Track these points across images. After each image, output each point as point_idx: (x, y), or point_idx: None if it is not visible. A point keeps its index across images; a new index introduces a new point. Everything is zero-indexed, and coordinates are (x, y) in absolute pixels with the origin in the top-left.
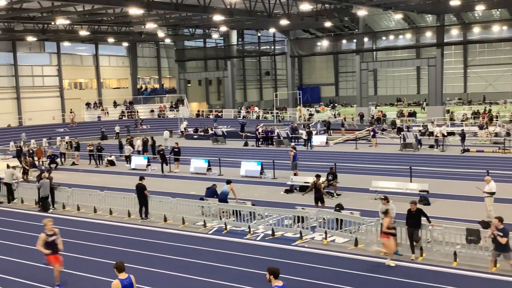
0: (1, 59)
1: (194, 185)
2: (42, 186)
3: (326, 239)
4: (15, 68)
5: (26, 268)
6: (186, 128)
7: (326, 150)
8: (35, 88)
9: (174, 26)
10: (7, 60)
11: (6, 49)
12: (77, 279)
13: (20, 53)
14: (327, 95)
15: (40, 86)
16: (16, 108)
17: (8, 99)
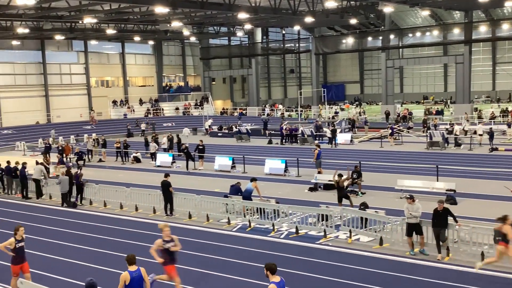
0: (30, 57)
1: (218, 182)
2: (61, 183)
3: (351, 237)
4: (44, 66)
5: (58, 263)
6: (210, 125)
7: (350, 148)
8: (63, 86)
9: (199, 24)
10: (36, 59)
11: (35, 48)
12: (103, 275)
13: (49, 51)
14: (352, 93)
15: (68, 84)
16: (45, 106)
17: (37, 96)
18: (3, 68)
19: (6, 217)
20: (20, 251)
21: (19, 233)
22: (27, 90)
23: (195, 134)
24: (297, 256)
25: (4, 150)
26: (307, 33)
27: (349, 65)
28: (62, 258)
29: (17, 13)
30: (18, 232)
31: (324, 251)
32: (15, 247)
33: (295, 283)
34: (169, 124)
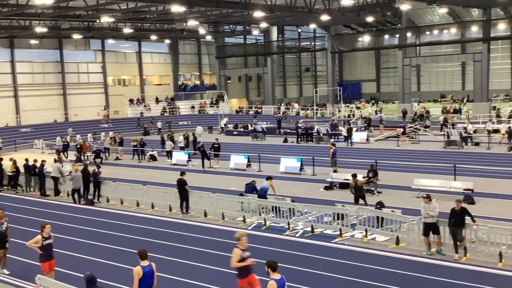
0: (48, 56)
1: (234, 180)
2: (74, 179)
3: (367, 237)
4: (62, 65)
5: (75, 259)
6: (226, 124)
7: (366, 147)
8: (81, 84)
9: (215, 23)
10: (54, 57)
11: (53, 47)
12: (119, 271)
13: (66, 50)
14: (368, 91)
15: (85, 83)
16: (63, 104)
17: (55, 95)
18: (22, 67)
19: (25, 214)
20: (48, 248)
21: (45, 230)
22: (45, 89)
23: (210, 132)
24: (313, 255)
25: (23, 148)
26: (323, 31)
27: (365, 63)
28: (79, 255)
29: (36, 12)
30: (44, 229)
31: (340, 250)
32: (42, 244)
33: (310, 282)
34: (184, 122)
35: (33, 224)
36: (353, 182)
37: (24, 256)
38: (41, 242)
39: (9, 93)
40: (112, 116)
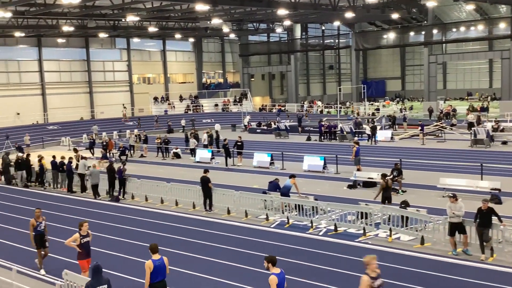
0: (75, 55)
1: (257, 178)
2: (92, 175)
3: (391, 236)
4: (88, 63)
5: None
6: (249, 122)
7: (391, 146)
8: (106, 82)
9: (238, 21)
10: (80, 56)
11: (79, 46)
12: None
13: (93, 49)
14: (393, 89)
15: (111, 81)
16: (89, 102)
17: (81, 93)
18: (49, 65)
19: (53, 210)
20: (86, 246)
21: (83, 228)
22: (72, 87)
23: (234, 130)
24: (336, 253)
25: (50, 145)
26: (347, 28)
27: (390, 61)
28: (104, 250)
29: (63, 11)
30: (82, 227)
31: (364, 249)
32: (80, 242)
33: (333, 281)
34: (208, 120)
35: (61, 220)
36: (384, 182)
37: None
38: (79, 240)
39: (37, 91)
40: (136, 114)
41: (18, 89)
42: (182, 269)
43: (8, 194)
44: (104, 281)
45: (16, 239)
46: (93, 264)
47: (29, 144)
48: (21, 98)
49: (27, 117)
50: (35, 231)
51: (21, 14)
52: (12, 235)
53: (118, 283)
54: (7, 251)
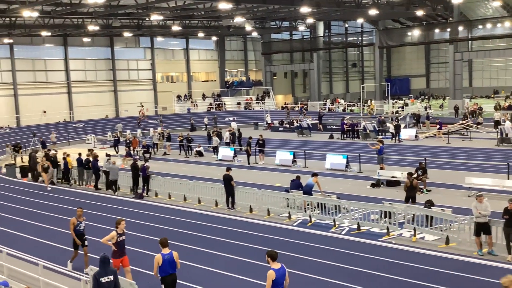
0: (100, 53)
1: (279, 177)
2: (111, 171)
3: (415, 236)
4: (113, 62)
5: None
6: (272, 120)
7: (415, 144)
8: (131, 81)
9: (261, 19)
10: (105, 55)
11: (104, 44)
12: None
13: (117, 48)
14: (417, 87)
15: (135, 80)
16: (113, 100)
17: (106, 91)
18: (75, 64)
19: (76, 207)
20: (121, 244)
21: (120, 226)
22: (97, 86)
23: (256, 128)
24: (359, 253)
25: (76, 142)
26: (370, 26)
27: (415, 58)
28: (128, 247)
29: (88, 11)
30: (119, 225)
31: (387, 248)
32: (117, 240)
33: (356, 280)
34: (230, 118)
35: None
36: (408, 181)
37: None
38: (116, 239)
39: (63, 89)
40: (160, 112)
41: (45, 88)
42: (204, 266)
43: (35, 191)
44: (111, 272)
45: (42, 235)
46: (101, 255)
47: (55, 142)
48: (48, 96)
49: (53, 115)
50: (74, 230)
51: (48, 13)
52: (39, 231)
53: (142, 280)
54: (33, 247)
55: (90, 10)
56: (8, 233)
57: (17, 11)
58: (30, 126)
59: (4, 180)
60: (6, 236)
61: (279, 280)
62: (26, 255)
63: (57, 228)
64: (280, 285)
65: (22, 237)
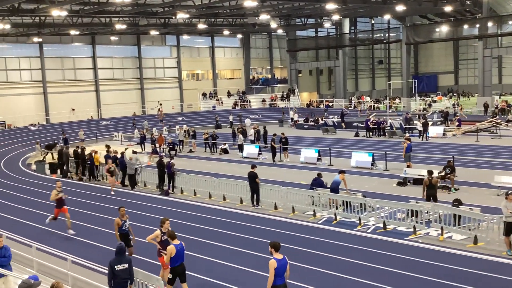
0: (127, 52)
1: (304, 174)
2: (128, 165)
3: (442, 235)
4: (139, 60)
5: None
6: (297, 118)
7: (443, 142)
8: (157, 79)
9: (286, 17)
10: (132, 53)
11: (131, 43)
12: (192, 261)
13: (144, 46)
14: (445, 84)
15: (161, 78)
16: (140, 98)
17: (133, 89)
18: (102, 62)
19: (105, 203)
20: (166, 243)
21: (164, 225)
22: (124, 83)
23: (281, 126)
24: (385, 251)
25: (103, 139)
26: (397, 22)
27: (443, 55)
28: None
29: (115, 10)
30: (164, 224)
31: (414, 247)
32: (161, 239)
33: (382, 279)
34: (255, 116)
35: (115, 212)
36: (427, 179)
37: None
38: (160, 237)
39: (91, 87)
40: (185, 110)
41: (73, 86)
42: (229, 263)
43: (64, 187)
44: (126, 260)
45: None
46: (118, 244)
47: (83, 139)
48: (76, 94)
49: (81, 112)
50: (120, 230)
51: (76, 12)
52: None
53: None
54: (62, 242)
55: (117, 9)
56: (38, 228)
57: (46, 10)
58: (59, 123)
59: (33, 176)
60: (36, 231)
61: (280, 270)
62: (55, 250)
63: (85, 224)
64: (281, 275)
65: (51, 232)
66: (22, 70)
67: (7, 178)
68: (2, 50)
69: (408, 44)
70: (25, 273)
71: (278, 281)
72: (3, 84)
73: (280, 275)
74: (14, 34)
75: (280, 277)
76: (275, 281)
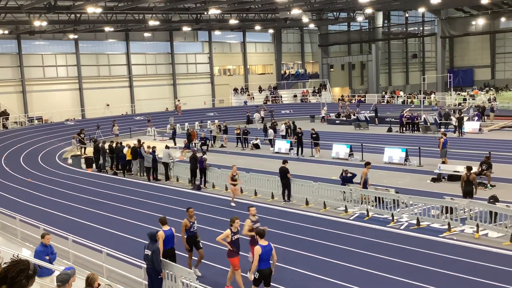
0: (160, 48)
1: (335, 170)
2: (145, 158)
3: (478, 232)
4: (172, 56)
5: None
6: (327, 113)
7: (479, 138)
8: (189, 75)
9: (318, 11)
10: (165, 49)
11: (164, 39)
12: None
13: (176, 42)
14: (482, 78)
15: (193, 73)
16: (172, 94)
17: (165, 85)
18: (136, 58)
19: (138, 197)
20: (236, 243)
21: (234, 224)
22: (157, 79)
23: (312, 121)
24: (418, 248)
25: (137, 135)
26: (432, 15)
27: (479, 48)
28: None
29: (149, 6)
30: (234, 224)
31: (448, 245)
32: (232, 239)
33: (415, 276)
34: (287, 111)
35: (149, 207)
36: (464, 175)
37: None
38: (230, 237)
39: (125, 83)
40: (217, 105)
41: (108, 82)
42: None
43: (99, 181)
44: (151, 247)
45: (105, 223)
46: (150, 231)
47: (118, 134)
48: (111, 90)
49: (116, 108)
50: (188, 232)
51: (110, 9)
52: (103, 219)
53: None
54: (97, 235)
55: (150, 6)
56: (73, 221)
57: (82, 7)
58: (94, 118)
59: (70, 170)
60: (72, 224)
61: (264, 255)
62: (90, 242)
63: (119, 217)
64: (266, 259)
65: (86, 225)
66: (58, 67)
67: (45, 172)
68: (39, 47)
69: (443, 38)
70: (62, 265)
71: (262, 265)
72: (40, 80)
73: (265, 260)
74: (50, 31)
75: (264, 261)
76: (260, 265)
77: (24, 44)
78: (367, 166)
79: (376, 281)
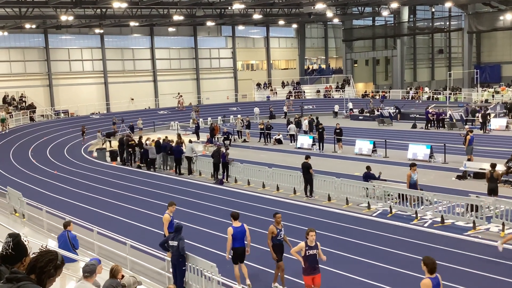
0: (184, 43)
1: (358, 166)
2: (149, 151)
3: (503, 231)
4: (196, 51)
5: (207, 236)
6: (351, 109)
7: (506, 135)
8: (212, 69)
9: (343, 5)
10: (188, 44)
11: (188, 34)
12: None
13: (200, 37)
14: (509, 75)
15: (216, 68)
16: (196, 88)
17: (189, 80)
18: (160, 53)
19: (162, 190)
20: (311, 259)
21: (309, 237)
22: (180, 74)
23: (335, 117)
24: (442, 246)
25: (160, 129)
26: (459, 10)
27: (507, 44)
28: (208, 230)
29: (173, 1)
30: (308, 236)
31: (473, 243)
32: (305, 254)
33: (440, 273)
34: (310, 106)
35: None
36: (488, 172)
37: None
38: (304, 251)
39: (149, 78)
40: (240, 100)
41: (132, 76)
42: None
43: (124, 174)
44: (177, 239)
45: (130, 216)
46: (176, 223)
47: (142, 128)
48: (135, 84)
49: (140, 102)
50: (274, 240)
51: (135, 4)
52: (127, 212)
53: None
54: (122, 227)
55: (175, 0)
56: (98, 213)
57: (107, 2)
58: (119, 112)
59: (95, 163)
60: (97, 216)
61: (237, 235)
62: (115, 234)
63: (143, 210)
64: (239, 239)
65: (111, 217)
66: (84, 61)
67: (70, 164)
68: (65, 41)
69: (470, 33)
70: (86, 256)
71: (236, 244)
72: (67, 74)
73: (238, 240)
74: (76, 25)
75: (238, 241)
76: (234, 244)
77: (51, 38)
78: (412, 168)
79: (399, 278)
